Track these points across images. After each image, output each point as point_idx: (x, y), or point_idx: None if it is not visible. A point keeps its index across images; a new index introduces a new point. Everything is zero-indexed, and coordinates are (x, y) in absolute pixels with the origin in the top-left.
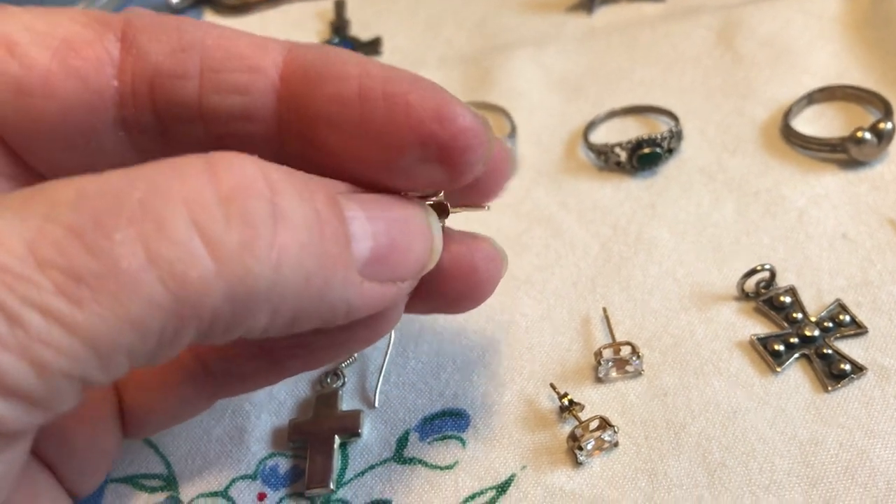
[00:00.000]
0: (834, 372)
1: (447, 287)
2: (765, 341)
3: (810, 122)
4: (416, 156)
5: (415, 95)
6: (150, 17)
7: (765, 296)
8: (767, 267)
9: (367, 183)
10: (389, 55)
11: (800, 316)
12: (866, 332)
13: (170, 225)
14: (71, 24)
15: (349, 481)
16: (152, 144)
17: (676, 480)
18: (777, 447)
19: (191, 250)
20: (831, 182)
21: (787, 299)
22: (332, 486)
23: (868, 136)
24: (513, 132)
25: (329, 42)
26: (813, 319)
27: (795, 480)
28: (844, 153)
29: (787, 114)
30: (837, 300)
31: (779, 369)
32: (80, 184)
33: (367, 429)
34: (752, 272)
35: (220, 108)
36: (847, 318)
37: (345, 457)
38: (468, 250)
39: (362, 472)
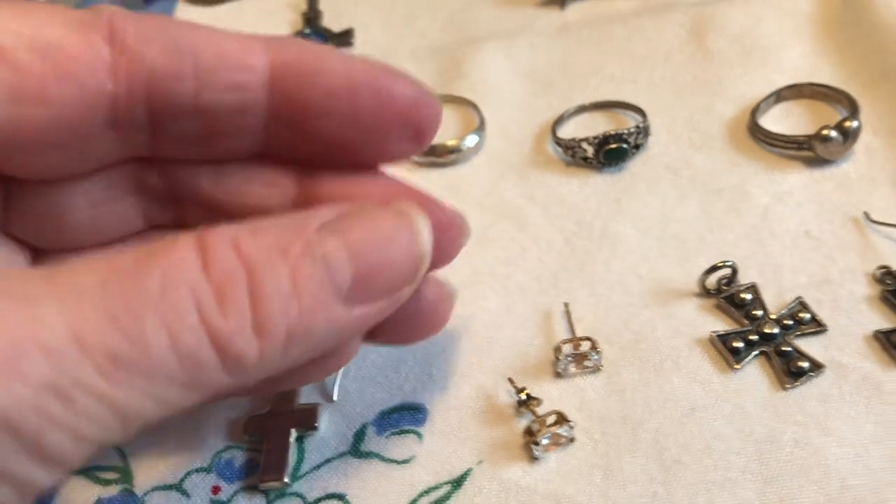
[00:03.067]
0: (792, 370)
1: (395, 326)
2: (724, 338)
3: (778, 120)
4: (396, 136)
5: (398, 86)
6: (133, 18)
7: (726, 293)
8: (729, 264)
9: (349, 161)
10: (361, 47)
11: (760, 313)
12: (826, 330)
13: (185, 314)
14: (53, 26)
15: (304, 475)
16: (142, 140)
17: (632, 476)
18: (733, 445)
19: (200, 338)
20: (796, 180)
21: (748, 296)
22: (286, 479)
23: (834, 134)
24: (481, 125)
25: (301, 33)
26: (773, 317)
27: (750, 478)
28: (810, 151)
29: (755, 111)
30: (798, 298)
31: (737, 366)
32: (100, 272)
33: (324, 422)
34: (714, 269)
35: (215, 106)
36: (807, 315)
37: (301, 450)
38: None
39: (318, 466)
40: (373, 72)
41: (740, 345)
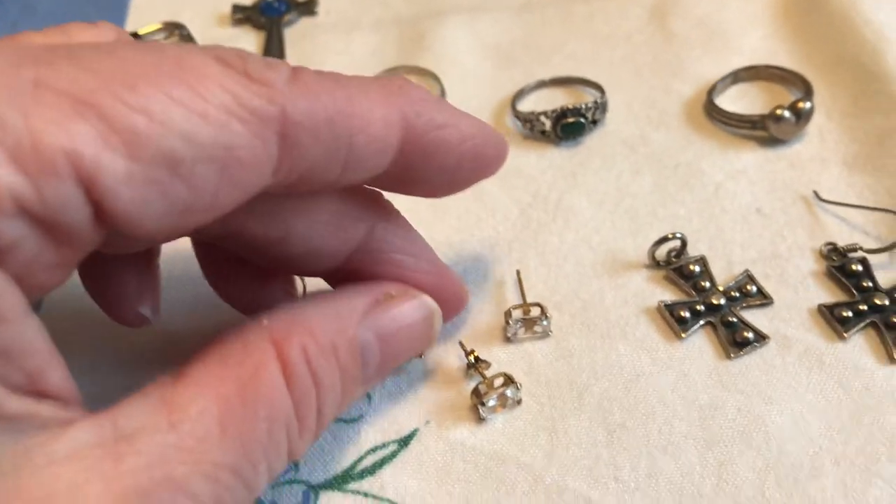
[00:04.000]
0: (737, 340)
1: None
2: (671, 308)
3: (734, 101)
4: (472, 181)
5: (492, 149)
6: (305, 97)
7: (675, 265)
8: (678, 236)
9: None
10: (325, 16)
11: (708, 285)
12: (772, 302)
13: (282, 450)
14: (230, 121)
15: None
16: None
17: (576, 439)
18: (677, 410)
19: (284, 462)
20: (750, 158)
21: (697, 268)
22: None
23: (787, 114)
24: (442, 96)
25: (263, 1)
26: (720, 289)
27: (692, 443)
28: (764, 130)
29: (712, 90)
30: (746, 271)
31: (683, 335)
32: (213, 411)
33: None
34: (663, 240)
35: (347, 182)
36: (754, 288)
37: None
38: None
39: None
40: (480, 142)
41: (687, 315)
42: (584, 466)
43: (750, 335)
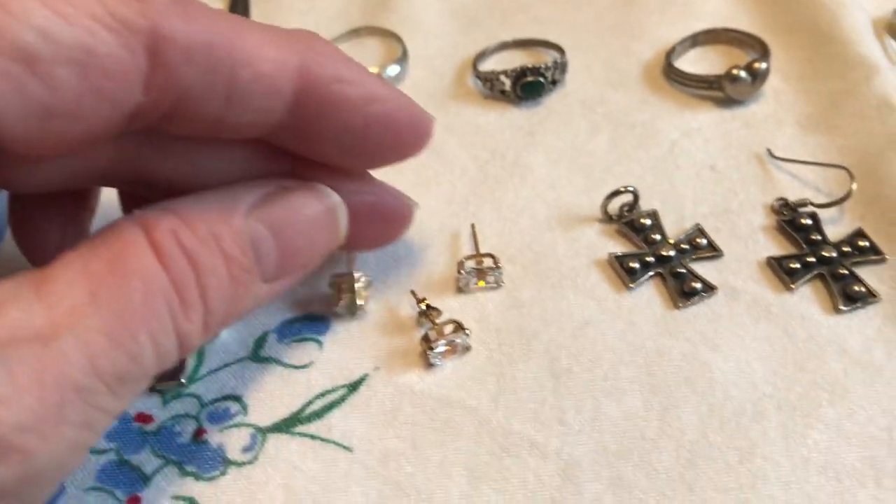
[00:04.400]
0: (685, 290)
1: (356, 237)
2: (621, 259)
3: (693, 63)
4: (390, 155)
5: (405, 119)
6: (180, 18)
7: (627, 218)
8: (630, 189)
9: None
10: None
11: (658, 237)
12: (722, 255)
13: (164, 322)
14: (94, 26)
15: (202, 377)
16: (146, 139)
17: (523, 384)
18: (623, 357)
19: (171, 340)
20: (706, 118)
21: (648, 222)
22: (183, 380)
23: (743, 74)
24: (404, 56)
25: None
26: (671, 241)
27: (637, 388)
28: (720, 91)
29: (670, 53)
30: (697, 224)
31: (632, 285)
32: (82, 281)
33: (226, 331)
34: (615, 193)
35: (234, 123)
36: (704, 241)
37: (200, 354)
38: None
39: (216, 370)
40: (388, 104)
41: (636, 266)
42: (529, 410)
43: (698, 285)
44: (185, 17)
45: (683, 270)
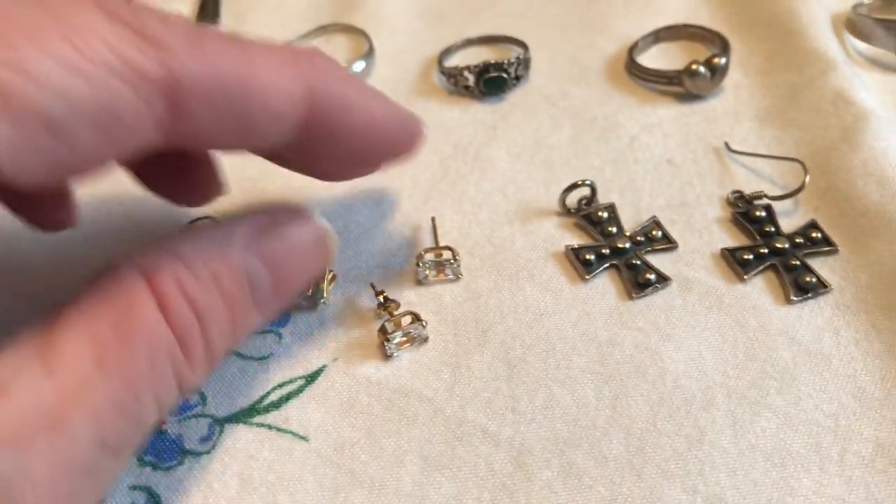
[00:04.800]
0: (640, 281)
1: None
2: (577, 251)
3: (655, 59)
4: (384, 164)
5: (403, 134)
6: (194, 61)
7: (584, 211)
8: (588, 182)
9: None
10: None
11: (615, 230)
12: (676, 247)
13: (169, 381)
14: (113, 82)
15: None
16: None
17: (478, 373)
18: (576, 347)
19: (175, 392)
20: (665, 113)
21: (605, 215)
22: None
23: (702, 69)
24: (370, 52)
25: None
26: (627, 234)
27: (589, 377)
28: (680, 86)
29: (633, 48)
30: (653, 217)
31: (587, 277)
32: (87, 347)
33: None
34: (573, 187)
35: (241, 146)
36: (659, 233)
37: None
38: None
39: None
40: (389, 127)
41: (592, 257)
42: (483, 399)
43: (652, 276)
44: (201, 57)
45: (638, 262)
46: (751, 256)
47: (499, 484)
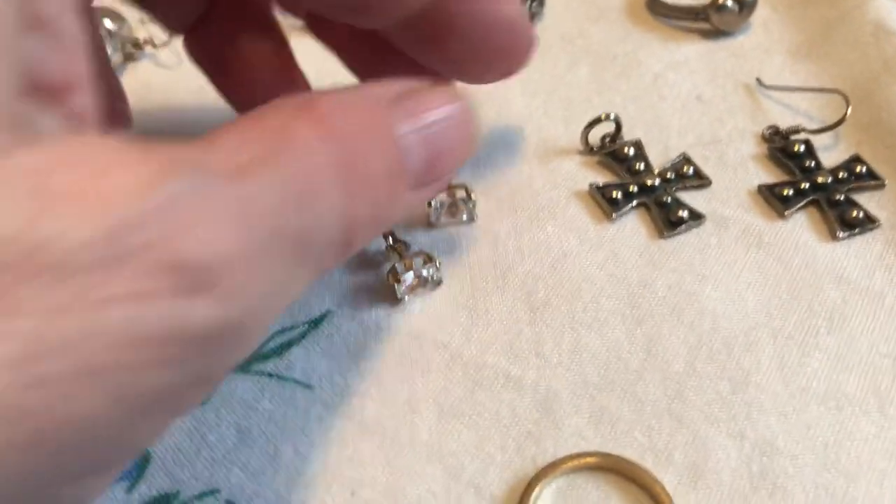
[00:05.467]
0: (671, 219)
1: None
2: (602, 189)
3: None
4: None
5: (521, 30)
6: None
7: (608, 149)
8: (612, 117)
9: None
10: None
11: (642, 167)
12: (710, 184)
13: (331, 197)
14: None
15: None
16: None
17: (497, 316)
18: (604, 288)
19: (340, 219)
20: (691, 50)
21: (631, 151)
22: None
23: (730, 3)
24: None
25: None
26: (656, 171)
27: (620, 319)
28: (707, 22)
29: None
30: (683, 154)
31: (614, 216)
32: (265, 144)
33: None
34: (596, 121)
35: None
36: (691, 170)
37: None
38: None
39: None
40: (515, 16)
41: (619, 195)
42: (504, 343)
43: (685, 214)
44: None
45: (669, 199)
46: (791, 192)
47: (524, 431)
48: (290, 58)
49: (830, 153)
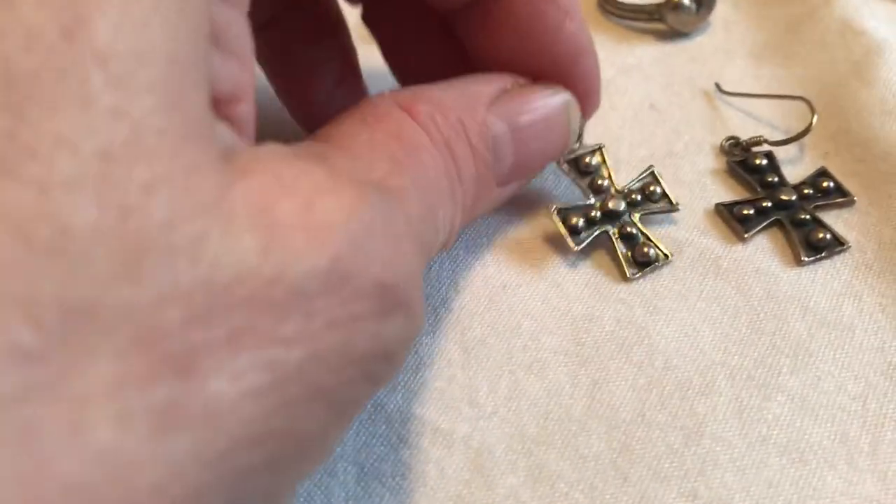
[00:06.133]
0: (638, 259)
1: None
2: (563, 213)
3: None
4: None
5: (580, 68)
6: None
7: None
8: None
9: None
10: None
11: (604, 184)
12: (677, 209)
13: (446, 202)
14: None
15: None
16: None
17: (427, 360)
18: (546, 324)
19: (449, 222)
20: (645, 52)
21: (593, 161)
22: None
23: (686, 1)
24: None
25: None
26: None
27: (562, 359)
28: (662, 22)
29: None
30: (651, 168)
31: (577, 248)
32: (388, 153)
33: None
34: None
35: None
36: (658, 189)
37: None
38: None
39: None
40: (582, 36)
41: (580, 222)
42: (434, 390)
43: (650, 252)
44: None
45: (635, 231)
46: (751, 211)
47: (453, 494)
48: (356, 68)
49: (795, 166)
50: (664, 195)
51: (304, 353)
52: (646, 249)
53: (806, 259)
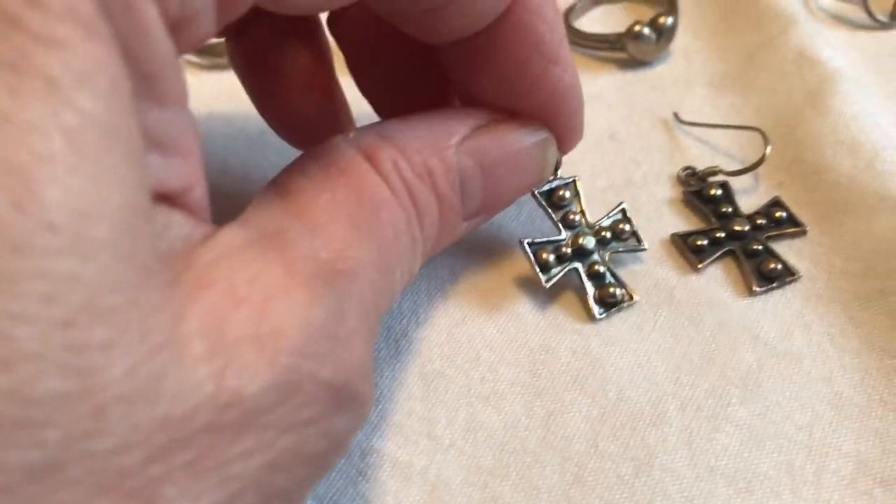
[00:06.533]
0: (606, 300)
1: None
2: (534, 247)
3: (595, 22)
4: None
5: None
6: None
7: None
8: None
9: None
10: None
11: (576, 219)
12: (645, 249)
13: (407, 258)
14: None
15: None
16: None
17: (387, 393)
18: (504, 355)
19: (408, 276)
20: (606, 82)
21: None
22: None
23: (646, 31)
24: None
25: None
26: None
27: (519, 390)
28: (623, 51)
29: (569, 12)
30: (621, 205)
31: (547, 284)
32: (347, 218)
33: None
34: None
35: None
36: (627, 227)
37: None
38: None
39: None
40: (567, 78)
41: (550, 257)
42: (393, 423)
43: (615, 292)
44: None
45: (604, 270)
46: (705, 242)
47: None
48: (329, 71)
49: (750, 196)
50: (633, 234)
51: (258, 462)
52: (612, 290)
53: (757, 289)
